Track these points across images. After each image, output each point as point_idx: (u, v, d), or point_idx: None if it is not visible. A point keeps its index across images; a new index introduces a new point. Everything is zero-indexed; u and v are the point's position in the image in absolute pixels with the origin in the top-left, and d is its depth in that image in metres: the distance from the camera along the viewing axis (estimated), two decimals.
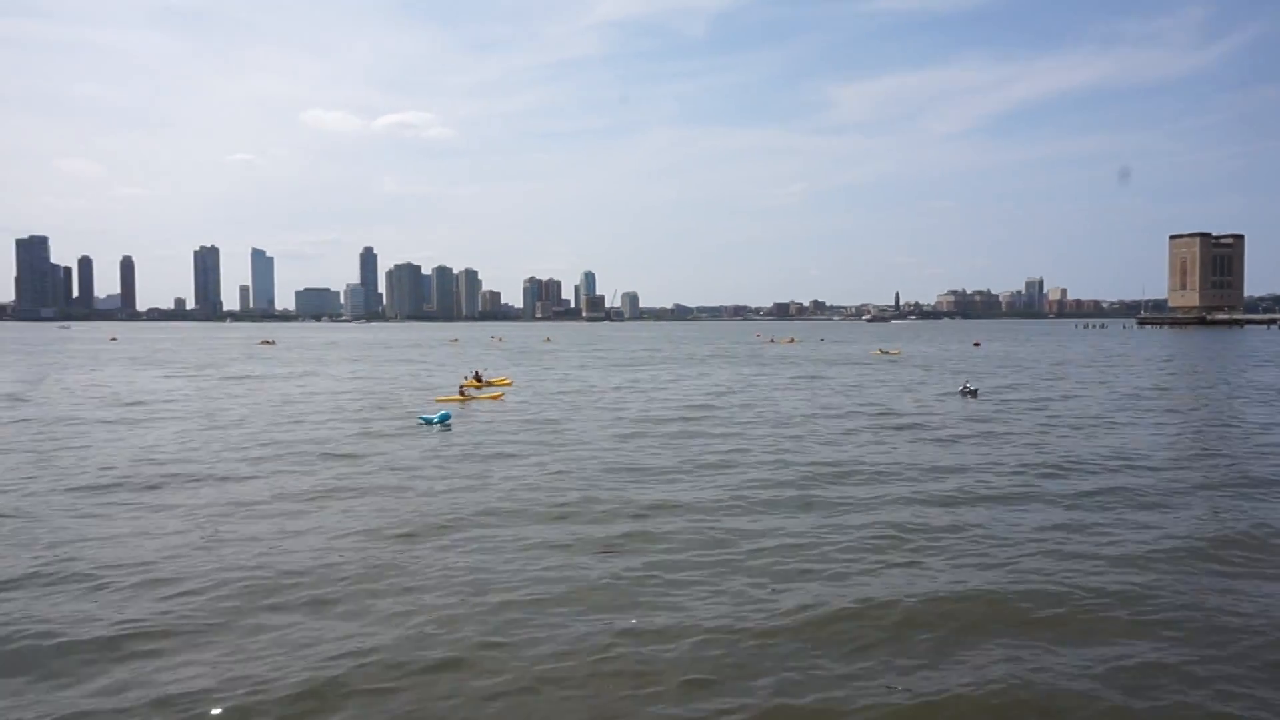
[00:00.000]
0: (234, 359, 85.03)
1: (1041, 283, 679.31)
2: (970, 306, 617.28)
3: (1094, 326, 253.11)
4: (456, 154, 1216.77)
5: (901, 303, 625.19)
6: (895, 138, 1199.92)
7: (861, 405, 38.88)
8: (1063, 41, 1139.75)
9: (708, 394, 45.44)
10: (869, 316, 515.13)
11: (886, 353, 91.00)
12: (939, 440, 27.80)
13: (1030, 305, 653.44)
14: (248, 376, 58.91)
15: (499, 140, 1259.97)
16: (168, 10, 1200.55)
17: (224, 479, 21.12)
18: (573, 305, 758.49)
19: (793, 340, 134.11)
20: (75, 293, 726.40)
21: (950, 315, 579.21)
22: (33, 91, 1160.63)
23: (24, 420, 33.37)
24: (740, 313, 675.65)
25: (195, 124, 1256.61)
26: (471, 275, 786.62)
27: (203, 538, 15.38)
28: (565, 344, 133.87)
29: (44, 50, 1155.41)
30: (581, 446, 26.50)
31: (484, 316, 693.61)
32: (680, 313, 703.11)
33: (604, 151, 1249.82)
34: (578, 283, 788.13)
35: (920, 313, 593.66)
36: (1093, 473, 21.92)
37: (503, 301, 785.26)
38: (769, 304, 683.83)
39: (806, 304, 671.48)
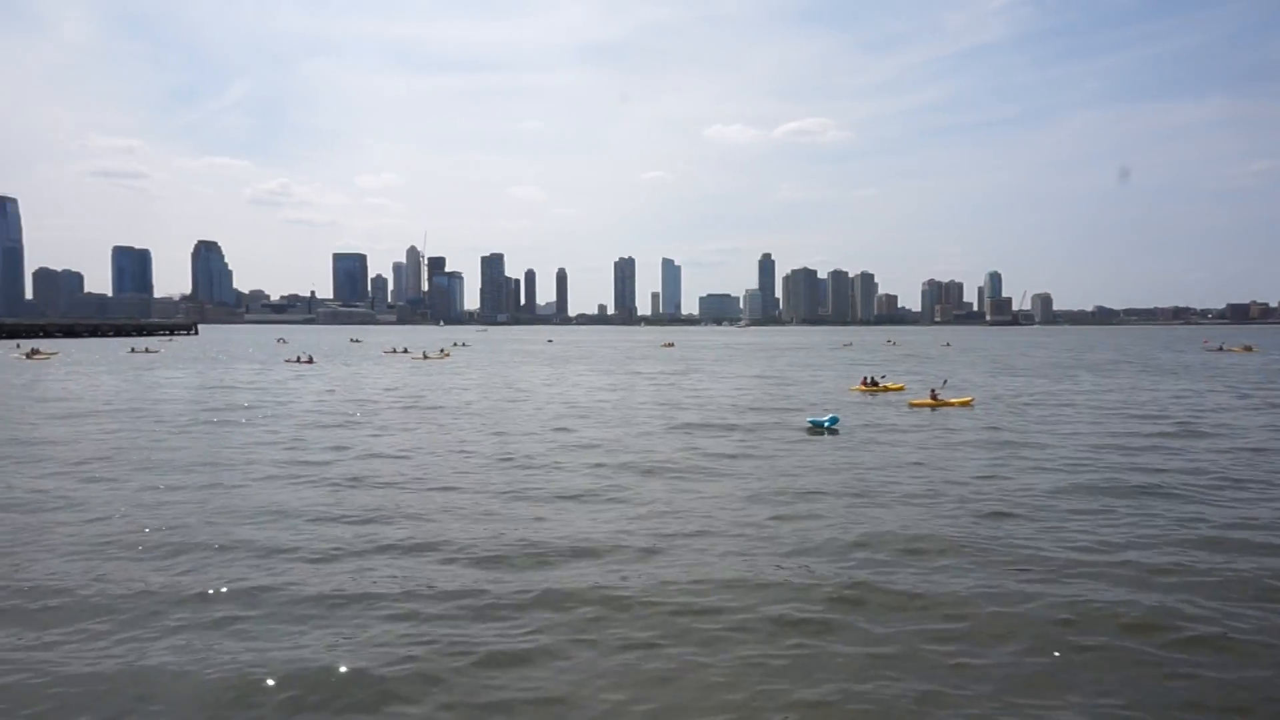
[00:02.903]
0: (642, 358, 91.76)
1: None
2: None
3: None
4: (853, 157, 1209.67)
5: None
6: None
7: None
8: None
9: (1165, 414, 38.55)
10: None
11: None
12: None
13: None
14: (645, 374, 62.84)
15: (897, 139, 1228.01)
16: (592, 48, 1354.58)
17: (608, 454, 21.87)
18: (975, 308, 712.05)
19: (1250, 348, 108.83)
20: (522, 301, 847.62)
21: None
22: (493, 131, 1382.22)
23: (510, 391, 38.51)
24: (1181, 315, 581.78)
25: (616, 147, 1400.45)
26: (867, 278, 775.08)
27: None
28: (965, 349, 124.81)
29: (501, 96, 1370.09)
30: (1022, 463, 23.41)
31: (879, 320, 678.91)
32: (1102, 315, 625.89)
33: (1014, 141, 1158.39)
34: (981, 284, 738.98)
35: None
36: None
37: (899, 305, 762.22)
38: (1220, 304, 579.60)
39: (1274, 304, 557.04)
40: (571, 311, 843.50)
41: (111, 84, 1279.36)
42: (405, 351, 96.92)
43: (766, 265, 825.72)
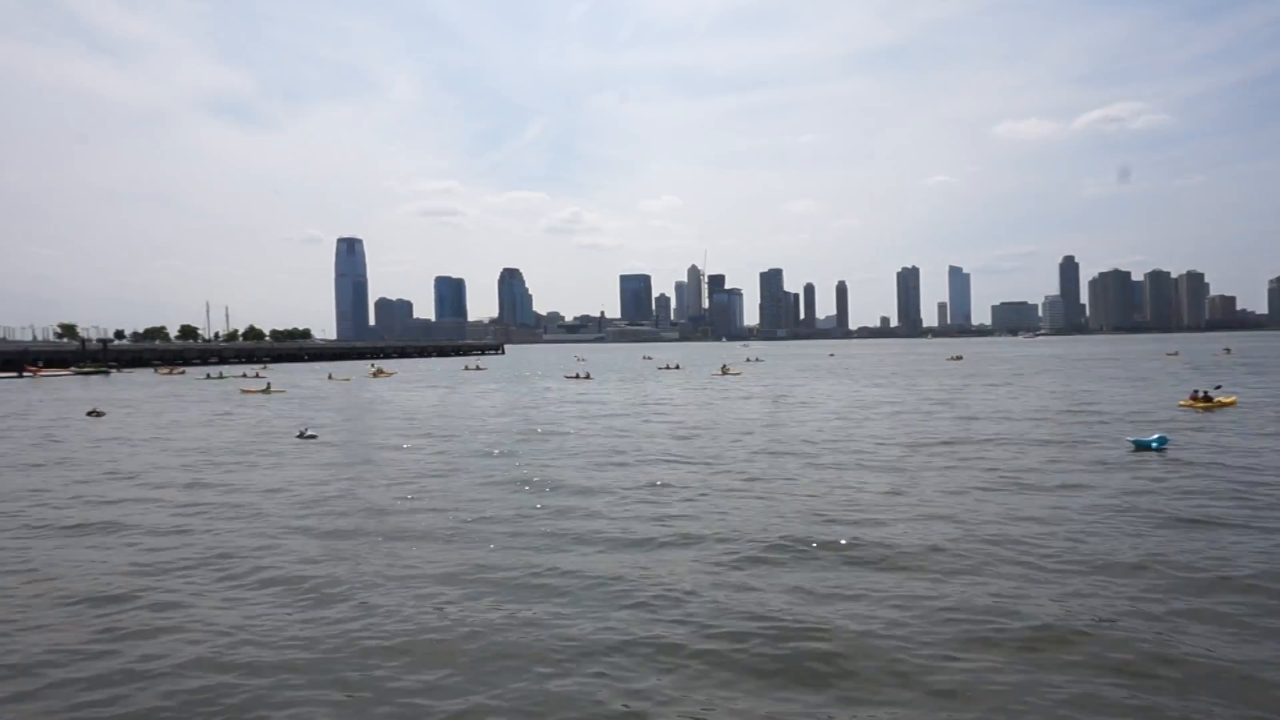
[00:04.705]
0: (924, 372, 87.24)
1: None
2: None
3: None
4: (1173, 142, 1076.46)
5: None
6: None
7: None
8: None
9: None
10: None
11: None
12: None
13: None
14: (934, 387, 59.42)
15: (1230, 117, 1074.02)
16: (869, 54, 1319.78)
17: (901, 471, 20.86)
18: None
19: None
20: (801, 315, 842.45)
21: None
22: (769, 148, 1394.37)
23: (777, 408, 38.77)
24: None
25: (897, 154, 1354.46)
26: (1195, 279, 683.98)
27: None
28: None
29: (777, 112, 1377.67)
30: None
31: (1212, 326, 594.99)
32: None
33: None
34: None
35: None
36: None
37: (1238, 308, 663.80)
38: None
39: None
40: (852, 325, 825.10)
41: (432, 134, 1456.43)
42: (677, 368, 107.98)
43: (1069, 269, 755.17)
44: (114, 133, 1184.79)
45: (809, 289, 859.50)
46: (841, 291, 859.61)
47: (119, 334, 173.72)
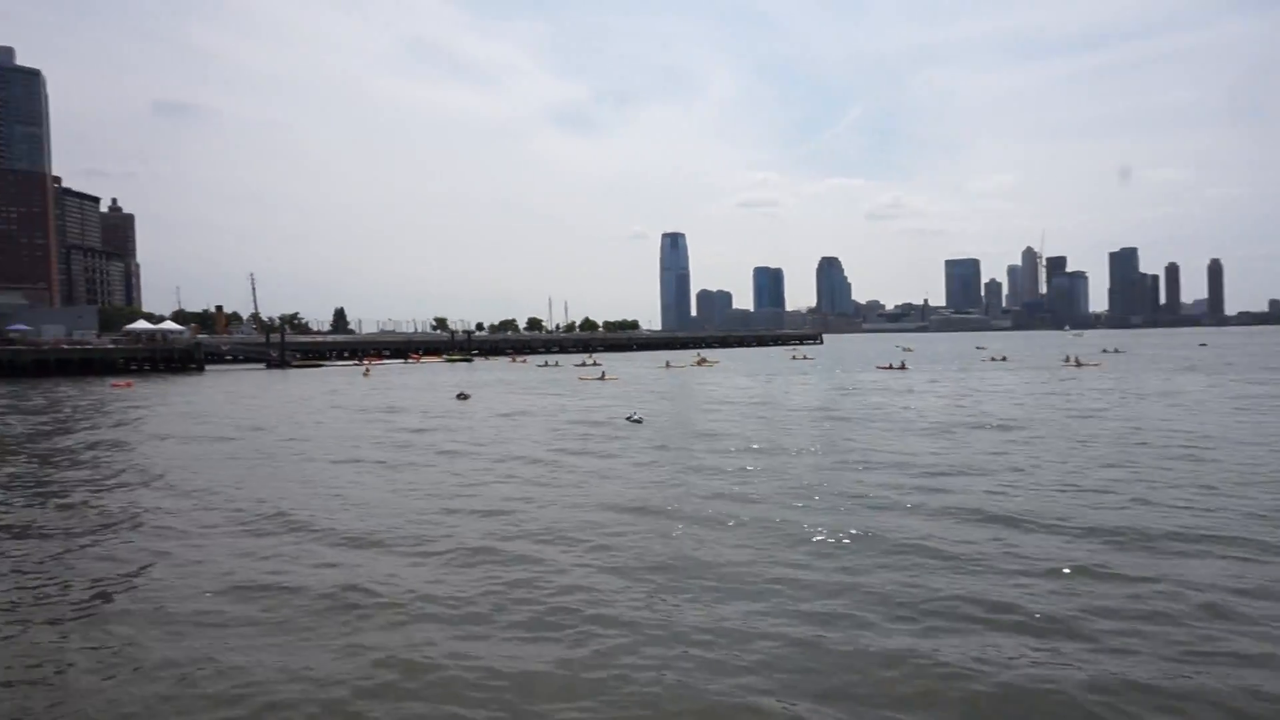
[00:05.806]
0: None
1: None
2: None
3: None
4: None
5: None
6: None
7: None
8: None
9: None
10: None
11: None
12: None
13: None
14: None
15: None
16: None
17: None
18: None
19: None
20: (1162, 300, 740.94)
21: None
22: (1124, 111, 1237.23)
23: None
24: None
25: None
26: None
27: None
28: None
29: (1135, 68, 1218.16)
30: None
31: None
32: None
33: None
34: None
35: None
36: None
37: None
38: None
39: None
40: (1229, 310, 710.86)
41: (750, 127, 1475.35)
42: (1004, 360, 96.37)
43: None
44: (474, 147, 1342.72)
45: (1171, 269, 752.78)
46: (1215, 271, 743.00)
47: (479, 326, 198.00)
